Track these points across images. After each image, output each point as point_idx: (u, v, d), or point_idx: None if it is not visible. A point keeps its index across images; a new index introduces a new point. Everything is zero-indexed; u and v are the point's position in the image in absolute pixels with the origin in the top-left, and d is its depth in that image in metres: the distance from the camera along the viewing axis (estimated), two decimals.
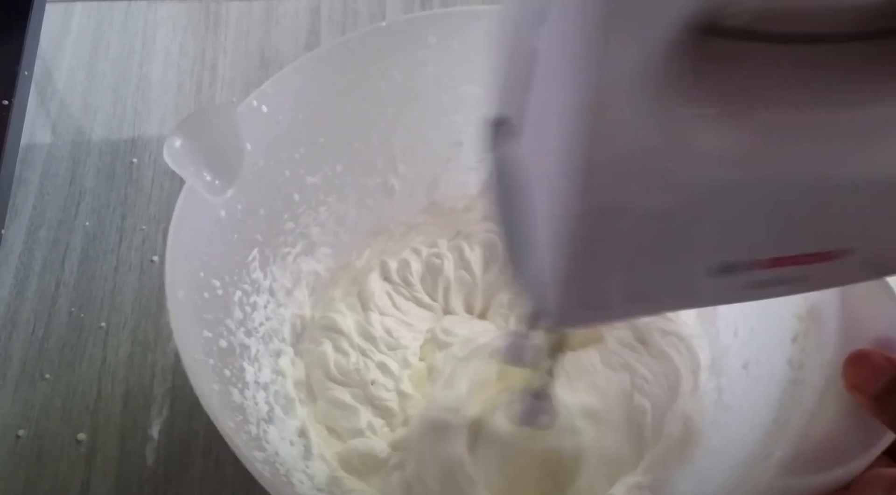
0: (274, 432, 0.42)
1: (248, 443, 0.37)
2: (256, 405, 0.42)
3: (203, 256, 0.41)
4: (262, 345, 0.45)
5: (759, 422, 0.37)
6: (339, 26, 0.63)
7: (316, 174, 0.47)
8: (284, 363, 0.46)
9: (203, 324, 0.40)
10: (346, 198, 0.49)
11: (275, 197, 0.46)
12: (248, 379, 0.42)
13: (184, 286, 0.39)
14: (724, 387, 0.43)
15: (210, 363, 0.39)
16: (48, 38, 0.62)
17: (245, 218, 0.43)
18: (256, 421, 0.41)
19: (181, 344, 0.37)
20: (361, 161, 0.49)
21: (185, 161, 0.39)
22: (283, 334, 0.47)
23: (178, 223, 0.39)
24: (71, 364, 0.50)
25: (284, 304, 0.48)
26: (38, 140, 0.58)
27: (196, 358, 0.37)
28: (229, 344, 0.42)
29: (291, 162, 0.46)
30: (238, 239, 0.43)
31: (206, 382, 0.37)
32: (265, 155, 0.44)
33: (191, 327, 0.39)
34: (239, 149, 0.41)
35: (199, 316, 0.40)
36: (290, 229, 0.47)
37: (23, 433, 0.48)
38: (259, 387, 0.43)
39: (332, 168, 0.48)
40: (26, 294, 0.52)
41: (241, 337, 0.43)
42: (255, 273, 0.45)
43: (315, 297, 0.49)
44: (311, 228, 0.48)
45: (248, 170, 0.42)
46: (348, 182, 0.49)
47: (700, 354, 0.45)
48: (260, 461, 0.37)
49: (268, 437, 0.41)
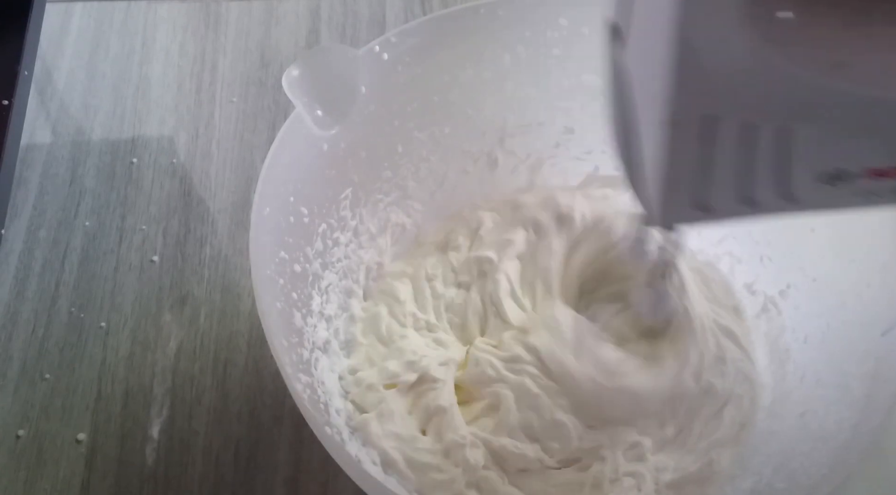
0: (325, 362, 0.43)
1: (295, 364, 0.38)
2: (315, 332, 0.43)
3: (297, 183, 0.42)
4: (336, 280, 0.46)
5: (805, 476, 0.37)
6: (339, 26, 0.63)
7: (424, 130, 0.48)
8: (354, 302, 0.48)
9: (282, 245, 0.41)
10: (449, 161, 0.50)
11: (379, 144, 0.47)
12: (313, 307, 0.44)
13: (272, 205, 0.40)
14: (776, 431, 0.43)
15: (280, 282, 0.40)
16: (48, 38, 0.62)
17: (346, 157, 0.45)
18: (311, 348, 0.42)
19: (255, 256, 0.38)
20: (471, 128, 0.49)
21: (300, 91, 0.40)
22: (359, 275, 0.48)
23: (280, 145, 0.40)
24: (71, 364, 0.50)
25: (365, 247, 0.49)
26: (38, 140, 0.58)
27: (266, 274, 0.38)
28: (303, 270, 0.43)
29: (402, 114, 0.47)
30: (335, 175, 0.45)
31: (271, 299, 0.38)
32: (378, 101, 0.45)
33: (269, 245, 0.40)
34: (353, 91, 0.43)
35: (279, 237, 0.41)
36: (387, 177, 0.48)
37: (23, 433, 0.48)
38: (322, 318, 0.44)
39: (441, 128, 0.48)
40: (26, 294, 0.52)
41: (317, 267, 0.44)
42: (343, 211, 0.46)
43: (397, 248, 0.50)
44: (409, 182, 0.49)
45: (359, 113, 0.43)
46: (454, 145, 0.49)
47: (762, 393, 0.45)
48: (302, 383, 0.38)
49: (318, 365, 0.42)
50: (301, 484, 0.46)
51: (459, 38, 0.46)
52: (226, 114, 0.59)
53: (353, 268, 0.48)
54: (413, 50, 0.45)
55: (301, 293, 0.42)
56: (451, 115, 0.48)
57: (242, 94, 0.60)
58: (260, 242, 0.39)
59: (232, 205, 0.56)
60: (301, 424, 0.48)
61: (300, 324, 0.42)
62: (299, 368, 0.39)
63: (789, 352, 0.45)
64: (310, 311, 0.43)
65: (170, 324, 0.51)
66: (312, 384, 0.40)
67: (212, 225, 0.55)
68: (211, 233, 0.55)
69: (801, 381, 0.43)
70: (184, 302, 0.52)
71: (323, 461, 0.47)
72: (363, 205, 0.47)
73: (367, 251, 0.49)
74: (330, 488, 0.46)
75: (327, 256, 0.45)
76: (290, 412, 0.48)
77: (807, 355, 0.44)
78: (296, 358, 0.39)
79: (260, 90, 0.60)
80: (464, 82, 0.47)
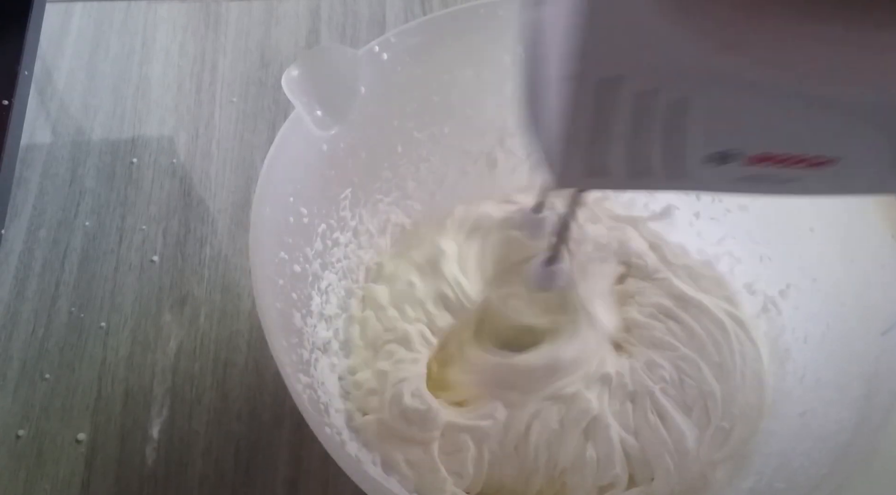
0: (326, 363, 0.43)
1: (295, 364, 0.38)
2: (315, 333, 0.43)
3: (297, 183, 0.42)
4: (336, 281, 0.46)
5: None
6: (339, 26, 0.63)
7: (423, 131, 0.48)
8: (353, 303, 0.48)
9: (282, 245, 0.41)
10: (448, 161, 0.50)
11: (378, 143, 0.47)
12: (313, 307, 0.44)
13: (271, 204, 0.40)
14: (775, 431, 0.43)
15: (279, 282, 0.40)
16: (48, 38, 0.62)
17: (346, 157, 0.45)
18: (311, 348, 0.42)
19: (255, 257, 0.38)
20: (471, 128, 0.49)
21: (299, 91, 0.41)
22: (358, 275, 0.48)
23: (279, 145, 0.40)
24: (71, 364, 0.50)
25: (365, 247, 0.49)
26: (38, 140, 0.58)
27: (266, 274, 0.38)
28: (303, 270, 0.43)
29: (402, 114, 0.47)
30: (335, 175, 0.45)
31: (271, 299, 0.38)
32: (377, 101, 0.45)
33: (269, 245, 0.40)
34: (353, 91, 0.43)
35: (279, 237, 0.41)
36: (386, 177, 0.48)
37: (23, 433, 0.48)
38: (322, 318, 0.44)
39: (441, 128, 0.48)
40: (26, 294, 0.52)
41: (317, 267, 0.44)
42: (343, 211, 0.46)
43: (396, 249, 0.50)
44: (408, 182, 0.49)
45: (358, 113, 0.43)
46: (454, 145, 0.49)
47: (765, 393, 0.45)
48: (302, 384, 0.38)
49: (318, 365, 0.42)
50: (301, 484, 0.46)
51: (459, 38, 0.46)
52: (226, 114, 0.59)
53: (353, 268, 0.48)
54: (413, 50, 0.45)
55: (301, 293, 0.42)
56: (451, 115, 0.48)
57: (242, 94, 0.60)
58: (260, 242, 0.39)
59: (232, 205, 0.56)
60: (301, 424, 0.48)
61: (300, 325, 0.42)
62: (299, 368, 0.39)
63: (789, 351, 0.45)
64: (310, 312, 0.43)
65: (170, 324, 0.51)
66: (312, 384, 0.40)
67: (212, 225, 0.55)
68: (211, 233, 0.55)
69: (801, 381, 0.43)
70: (184, 302, 0.52)
71: (323, 461, 0.47)
72: (363, 206, 0.47)
73: (366, 251, 0.49)
74: (330, 488, 0.46)
75: (327, 256, 0.45)
76: (291, 412, 0.48)
77: (807, 355, 0.44)
78: (295, 358, 0.39)
79: (260, 90, 0.60)
80: (464, 82, 0.47)
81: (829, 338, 0.42)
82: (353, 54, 0.43)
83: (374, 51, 0.43)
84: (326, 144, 0.43)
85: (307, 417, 0.35)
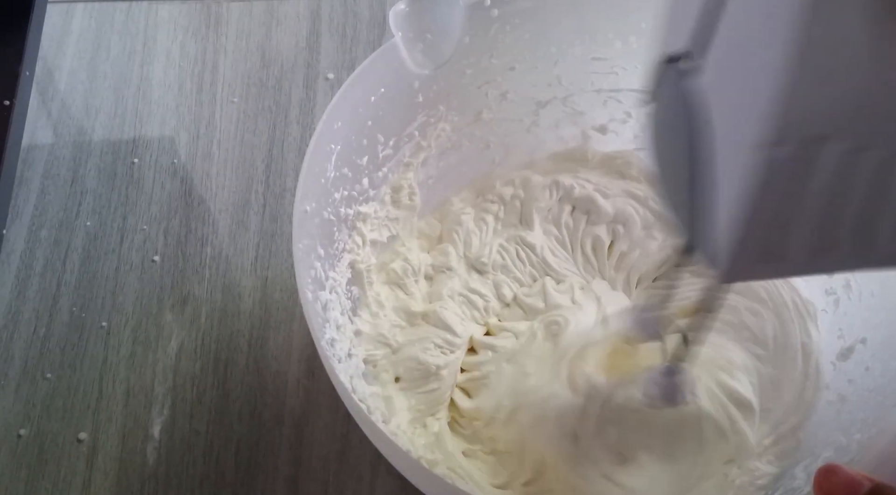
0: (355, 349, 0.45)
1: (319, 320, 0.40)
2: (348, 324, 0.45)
3: (379, 110, 0.44)
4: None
5: None
6: (340, 27, 0.63)
7: (518, 93, 0.49)
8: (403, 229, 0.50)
9: (348, 163, 0.44)
10: (536, 136, 0.52)
11: (470, 95, 0.48)
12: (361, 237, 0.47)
13: (343, 119, 0.42)
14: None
15: (335, 196, 0.43)
16: (49, 39, 0.63)
17: (436, 100, 0.47)
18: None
19: (304, 179, 0.40)
20: (568, 110, 0.51)
21: (405, 26, 0.42)
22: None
23: (367, 68, 0.42)
24: (72, 363, 0.50)
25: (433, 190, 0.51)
26: (39, 140, 0.59)
27: (316, 182, 0.41)
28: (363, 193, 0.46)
29: (503, 72, 0.48)
30: (420, 112, 0.47)
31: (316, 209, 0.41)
32: (478, 53, 0.46)
33: (325, 155, 0.42)
34: (456, 38, 0.44)
35: (348, 156, 0.43)
36: (469, 133, 0.50)
37: (24, 432, 0.48)
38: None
39: (538, 99, 0.50)
40: (28, 294, 0.53)
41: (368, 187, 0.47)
42: (412, 156, 0.48)
43: None
44: (490, 139, 0.51)
45: (456, 62, 0.45)
46: (547, 122, 0.51)
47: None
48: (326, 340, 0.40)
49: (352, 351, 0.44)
50: (301, 483, 0.46)
51: (572, 12, 0.46)
52: (227, 114, 0.59)
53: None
54: (524, 13, 0.45)
55: (350, 221, 0.45)
56: (551, 90, 0.49)
57: (243, 95, 0.60)
58: (320, 150, 0.41)
59: (233, 205, 0.56)
60: (301, 424, 0.48)
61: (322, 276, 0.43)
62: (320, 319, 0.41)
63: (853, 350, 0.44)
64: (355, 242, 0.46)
65: (171, 324, 0.51)
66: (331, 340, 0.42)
67: (213, 225, 0.55)
68: (212, 233, 0.55)
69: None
70: (185, 301, 0.52)
71: (323, 461, 0.47)
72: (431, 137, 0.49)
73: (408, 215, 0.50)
74: (330, 488, 0.46)
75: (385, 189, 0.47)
76: (291, 412, 0.48)
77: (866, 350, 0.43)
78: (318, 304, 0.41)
79: (261, 91, 0.60)
80: (572, 57, 0.48)
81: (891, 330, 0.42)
82: (458, 3, 0.43)
83: (485, 5, 0.44)
84: (418, 82, 0.45)
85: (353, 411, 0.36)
